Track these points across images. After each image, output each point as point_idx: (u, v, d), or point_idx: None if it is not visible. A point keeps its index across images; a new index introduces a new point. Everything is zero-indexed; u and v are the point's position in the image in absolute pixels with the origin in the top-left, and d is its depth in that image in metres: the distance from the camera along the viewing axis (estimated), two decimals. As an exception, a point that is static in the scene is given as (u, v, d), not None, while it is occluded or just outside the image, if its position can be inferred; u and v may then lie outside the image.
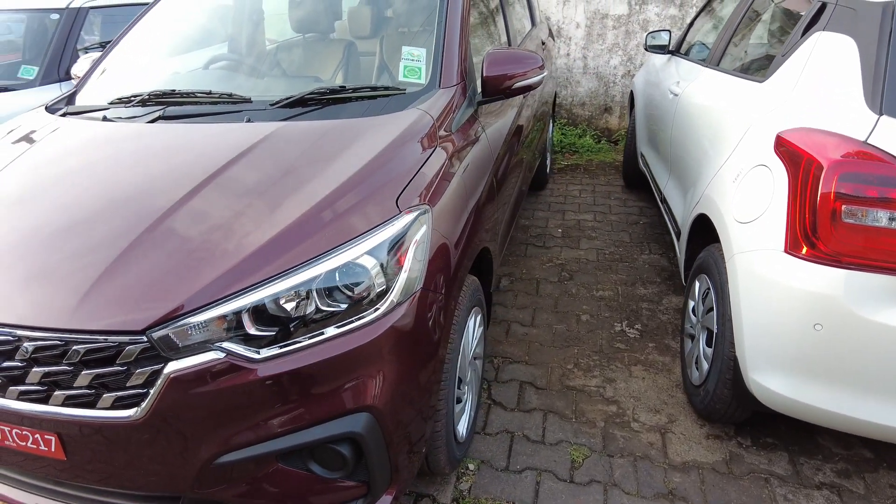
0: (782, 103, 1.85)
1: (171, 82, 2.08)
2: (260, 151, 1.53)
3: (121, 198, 1.42)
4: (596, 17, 5.36)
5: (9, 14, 3.84)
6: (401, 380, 1.36)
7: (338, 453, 1.30)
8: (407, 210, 1.40)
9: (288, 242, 1.27)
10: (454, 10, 2.06)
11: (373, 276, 1.29)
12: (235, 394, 1.21)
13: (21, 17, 3.78)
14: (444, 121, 1.76)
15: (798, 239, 1.53)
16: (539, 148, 3.65)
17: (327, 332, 1.27)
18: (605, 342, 2.65)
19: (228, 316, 1.20)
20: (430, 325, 1.42)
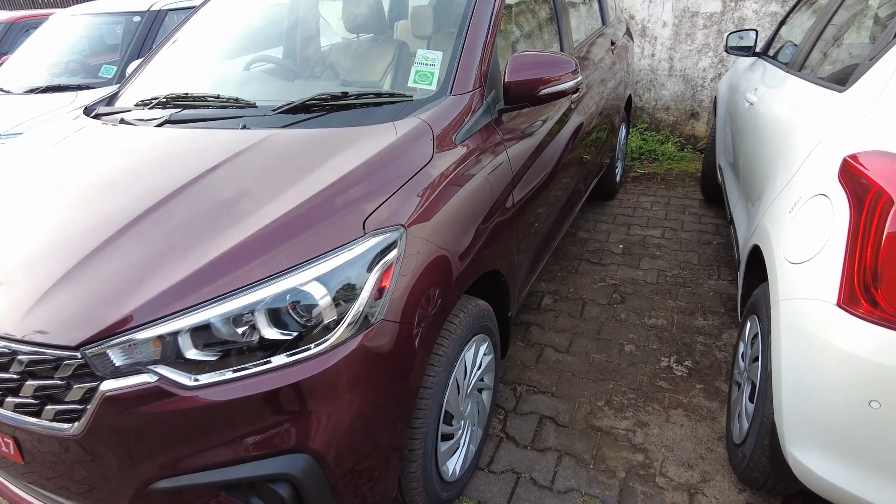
0: (860, 118, 1.52)
1: (197, 84, 2.08)
2: (240, 161, 1.46)
3: (95, 204, 1.40)
4: (685, 14, 4.92)
5: (102, 17, 4.14)
6: (352, 421, 1.23)
7: (276, 494, 1.20)
8: (374, 232, 1.27)
9: (236, 262, 1.19)
10: (482, 9, 1.89)
11: (320, 305, 1.17)
12: (168, 420, 1.14)
13: (110, 21, 4.06)
14: (448, 131, 1.61)
15: (855, 292, 1.23)
16: (601, 156, 3.37)
17: (274, 361, 1.17)
18: (646, 378, 2.38)
19: (165, 338, 1.14)
20: (395, 360, 1.29)
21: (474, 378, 1.77)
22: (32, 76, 3.72)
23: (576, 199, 2.91)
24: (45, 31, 4.13)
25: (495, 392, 2.02)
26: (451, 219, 1.49)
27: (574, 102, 2.52)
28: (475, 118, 1.72)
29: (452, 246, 1.48)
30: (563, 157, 2.43)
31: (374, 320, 1.23)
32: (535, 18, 2.59)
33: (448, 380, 1.56)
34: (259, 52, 2.37)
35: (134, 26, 3.78)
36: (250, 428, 1.17)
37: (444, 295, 1.44)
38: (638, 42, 5.17)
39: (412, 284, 1.32)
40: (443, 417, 1.61)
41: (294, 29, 2.47)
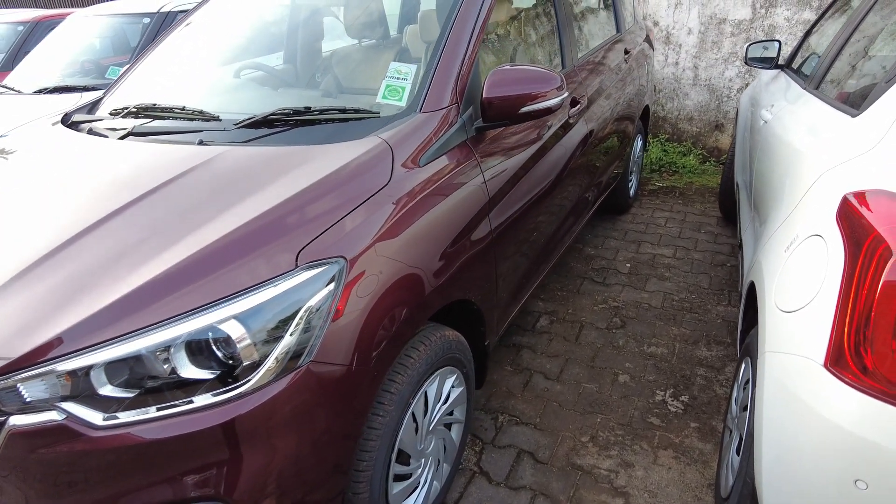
0: (870, 149, 1.36)
1: (174, 93, 2.02)
2: (183, 182, 1.38)
3: (30, 223, 1.34)
4: (712, 21, 4.70)
5: (118, 18, 4.16)
6: (279, 469, 1.14)
7: (191, 544, 1.12)
8: (309, 264, 1.17)
9: (156, 295, 1.11)
10: (464, 19, 1.78)
11: (238, 345, 1.08)
12: (75, 462, 1.07)
13: (124, 21, 4.07)
14: (413, 152, 1.51)
15: (844, 353, 1.08)
16: (609, 171, 3.22)
17: (196, 401, 1.09)
18: (637, 413, 2.23)
19: (77, 373, 1.06)
20: (329, 403, 1.19)
21: (438, 414, 1.66)
22: (44, 76, 3.75)
23: (576, 218, 2.76)
24: (62, 31, 4.17)
25: (468, 423, 1.91)
26: (408, 247, 1.39)
27: (573, 116, 2.39)
28: (446, 137, 1.61)
29: (407, 277, 1.37)
30: (560, 176, 2.30)
31: (302, 361, 1.14)
32: (535, 28, 2.46)
33: (402, 418, 1.45)
34: (250, 59, 2.30)
35: (143, 28, 3.78)
36: (163, 474, 1.09)
37: (397, 329, 1.34)
38: (661, 49, 4.97)
39: (353, 321, 1.22)
40: (397, 457, 1.51)
41: (292, 34, 2.40)
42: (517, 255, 2.02)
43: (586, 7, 3.15)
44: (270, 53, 2.40)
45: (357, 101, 1.75)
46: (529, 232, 2.11)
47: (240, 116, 1.67)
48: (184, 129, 1.67)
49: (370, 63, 2.02)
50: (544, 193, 2.16)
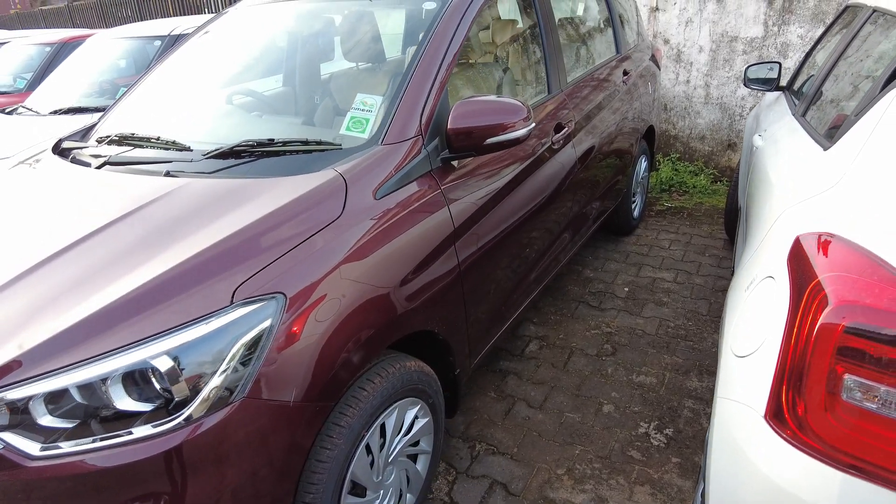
0: (832, 186, 1.31)
1: (155, 121, 2.07)
2: (141, 215, 1.41)
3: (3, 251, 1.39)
4: (723, 39, 4.63)
5: (134, 40, 4.31)
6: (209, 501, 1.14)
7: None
8: (244, 301, 1.19)
9: (95, 329, 1.13)
10: (433, 52, 1.79)
11: (168, 380, 1.10)
12: (12, 490, 1.10)
13: (140, 44, 4.21)
14: (369, 184, 1.51)
15: (782, 405, 1.04)
16: (605, 195, 3.18)
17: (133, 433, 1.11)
18: (618, 446, 2.18)
19: (16, 403, 1.09)
20: (263, 438, 1.19)
21: (399, 445, 1.65)
22: (60, 97, 3.90)
23: (566, 244, 2.73)
24: (82, 53, 4.33)
25: (436, 453, 1.89)
26: (357, 281, 1.39)
27: (557, 142, 2.37)
28: (408, 168, 1.61)
29: (356, 311, 1.37)
30: (542, 203, 2.28)
31: (235, 397, 1.14)
32: (519, 55, 2.46)
33: (353, 451, 1.45)
34: (242, 85, 2.35)
35: (154, 50, 3.90)
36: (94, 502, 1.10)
37: (342, 364, 1.34)
38: (672, 67, 4.91)
39: (291, 357, 1.22)
40: (350, 489, 1.50)
41: (290, 58, 2.43)
42: (491, 285, 2.01)
43: (580, 31, 3.14)
44: (268, 76, 2.44)
45: (323, 132, 1.77)
46: (507, 262, 2.09)
47: (211, 146, 1.70)
48: (156, 158, 1.72)
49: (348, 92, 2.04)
50: (523, 222, 2.14)
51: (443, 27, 1.83)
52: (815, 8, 4.27)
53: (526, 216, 2.16)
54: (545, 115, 2.33)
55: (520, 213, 2.10)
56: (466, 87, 2.12)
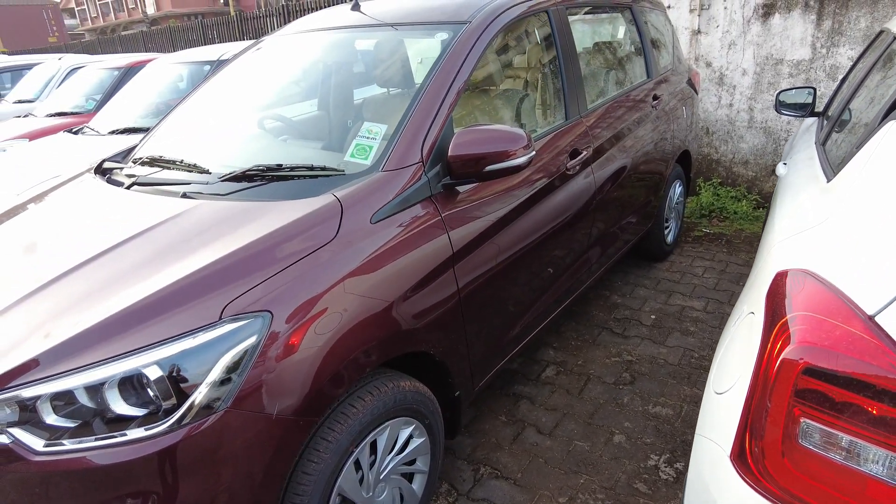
0: (825, 220, 1.28)
1: (186, 144, 2.22)
2: (153, 234, 1.53)
3: (31, 264, 1.53)
4: (768, 62, 4.50)
5: (187, 65, 4.60)
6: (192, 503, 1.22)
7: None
8: (232, 318, 1.26)
9: (98, 338, 1.23)
10: (440, 81, 1.86)
11: (156, 388, 1.18)
12: (17, 480, 1.20)
13: (193, 69, 4.50)
14: (365, 209, 1.58)
15: (745, 447, 1.02)
16: (632, 221, 3.14)
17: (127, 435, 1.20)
18: (624, 478, 2.13)
19: (26, 401, 1.20)
20: (246, 448, 1.26)
21: (391, 464, 1.69)
22: (120, 118, 4.20)
23: (587, 268, 2.71)
24: (142, 76, 4.66)
25: (433, 474, 1.90)
26: (347, 300, 1.45)
27: (572, 168, 2.38)
28: (407, 194, 1.67)
29: (344, 331, 1.43)
30: (554, 229, 2.28)
31: (219, 407, 1.22)
32: (535, 81, 2.49)
33: (341, 466, 1.49)
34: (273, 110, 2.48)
35: (203, 74, 4.16)
36: (87, 500, 1.19)
37: (327, 381, 1.39)
38: (714, 91, 4.81)
39: (274, 373, 1.29)
40: (339, 503, 1.55)
41: (314, 86, 2.56)
42: (496, 309, 2.02)
43: (606, 56, 3.14)
44: (291, 102, 2.56)
45: (331, 158, 1.85)
46: (514, 286, 2.11)
47: (228, 170, 1.81)
48: (177, 180, 1.84)
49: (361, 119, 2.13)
50: (533, 247, 2.15)
51: (450, 59, 1.89)
52: (867, 29, 4.11)
53: (535, 241, 2.17)
54: (559, 142, 2.35)
55: (528, 238, 2.12)
56: (480, 115, 2.17)
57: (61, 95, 5.93)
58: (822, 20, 4.24)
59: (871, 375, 0.85)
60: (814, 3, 4.23)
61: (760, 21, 4.48)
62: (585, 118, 2.57)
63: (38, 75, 7.72)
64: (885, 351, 0.86)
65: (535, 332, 2.40)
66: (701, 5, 4.69)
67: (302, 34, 2.49)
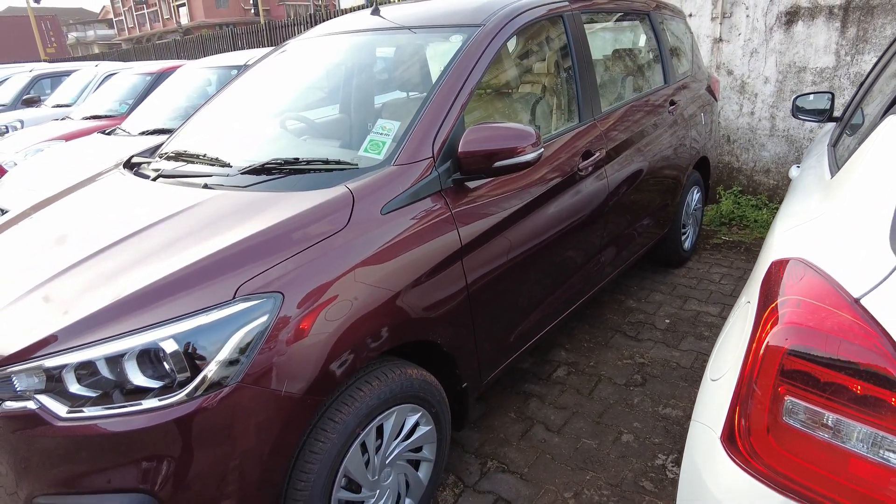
0: (823, 212, 1.30)
1: (210, 140, 2.32)
2: (176, 219, 1.61)
3: (57, 248, 1.63)
4: (790, 70, 4.48)
5: (215, 70, 4.76)
6: (202, 475, 1.28)
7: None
8: (245, 297, 1.33)
9: (120, 313, 1.31)
10: (452, 81, 1.92)
11: (171, 362, 1.25)
12: (43, 445, 1.28)
13: (221, 73, 4.65)
14: (376, 201, 1.64)
15: (734, 429, 1.04)
16: (650, 224, 3.15)
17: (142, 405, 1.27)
18: (631, 476, 2.14)
19: (52, 371, 1.28)
20: (253, 422, 1.32)
21: (398, 449, 1.73)
22: (150, 120, 4.36)
23: (599, 270, 2.73)
24: (171, 81, 4.84)
25: (439, 463, 1.94)
26: (354, 286, 1.50)
27: (584, 168, 2.41)
28: (417, 187, 1.72)
29: (351, 315, 1.48)
30: (565, 229, 2.31)
31: (230, 381, 1.28)
32: (548, 83, 2.54)
33: (347, 447, 1.54)
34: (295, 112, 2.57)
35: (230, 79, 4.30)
36: (107, 463, 1.26)
37: (334, 363, 1.45)
38: (736, 99, 4.79)
39: (285, 351, 1.35)
40: (345, 484, 1.60)
41: (341, 84, 2.63)
42: (505, 305, 2.06)
43: (623, 61, 3.18)
44: (311, 101, 2.64)
45: (345, 153, 1.92)
46: (524, 284, 2.14)
47: (248, 164, 1.89)
48: (200, 173, 1.93)
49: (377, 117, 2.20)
50: (542, 245, 2.19)
51: (462, 61, 1.95)
52: (893, 36, 4.05)
53: (545, 240, 2.21)
54: (572, 143, 2.38)
55: (537, 235, 2.15)
56: (493, 116, 2.22)
57: (96, 100, 6.17)
58: (847, 28, 4.20)
59: (854, 355, 0.88)
60: (838, 11, 4.20)
61: (783, 29, 4.45)
62: (599, 121, 2.60)
63: (75, 81, 8.04)
64: (868, 332, 0.88)
65: (546, 331, 2.43)
66: (723, 13, 4.69)
67: (323, 37, 2.58)
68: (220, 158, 2.00)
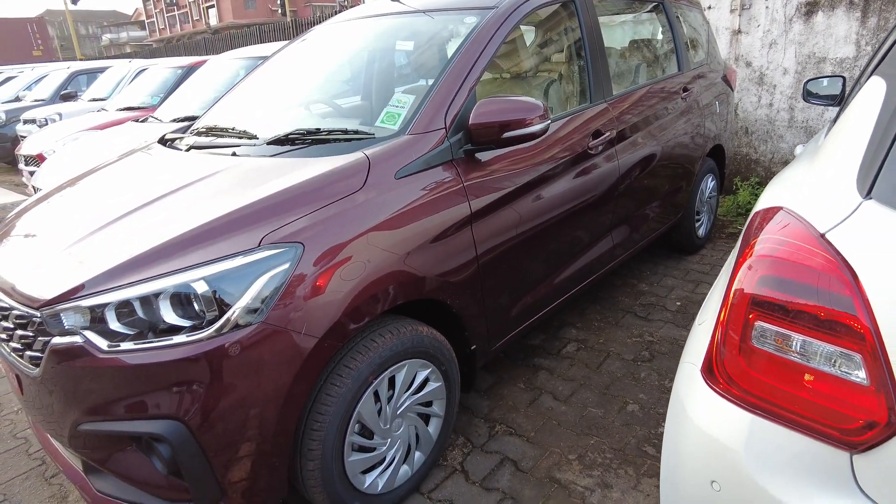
0: (809, 170, 1.37)
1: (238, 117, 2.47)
2: (208, 181, 1.75)
3: (100, 207, 1.78)
4: (810, 61, 4.48)
5: (243, 61, 4.95)
6: (226, 406, 1.41)
7: (160, 453, 1.42)
8: (269, 246, 1.45)
9: (158, 257, 1.45)
10: (464, 58, 2.03)
11: (202, 300, 1.38)
12: (86, 374, 1.42)
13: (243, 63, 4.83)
14: (390, 166, 1.75)
15: (712, 359, 1.13)
16: (661, 208, 3.22)
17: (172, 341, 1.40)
18: (634, 441, 2.22)
19: (96, 309, 1.42)
20: (274, 360, 1.44)
21: (408, 400, 1.84)
22: (180, 108, 4.56)
23: (608, 250, 2.80)
24: (200, 73, 5.04)
25: (448, 419, 2.04)
26: (368, 241, 1.62)
27: (594, 147, 2.50)
28: (429, 156, 1.84)
29: (365, 268, 1.60)
30: (574, 205, 2.40)
31: (253, 321, 1.40)
32: (561, 65, 2.63)
33: (360, 393, 1.66)
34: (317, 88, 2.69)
35: (259, 69, 4.47)
36: (142, 392, 1.40)
37: (349, 309, 1.56)
38: (754, 90, 4.81)
39: (303, 296, 1.47)
40: (358, 430, 1.71)
41: (361, 65, 2.76)
42: (511, 273, 2.15)
43: (635, 47, 3.25)
44: (344, 81, 2.74)
45: (364, 125, 2.05)
46: (530, 253, 2.24)
47: (273, 136, 2.03)
48: (229, 144, 2.08)
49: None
50: (550, 219, 2.27)
51: (475, 40, 2.06)
52: (913, 27, 4.04)
53: (554, 215, 2.30)
54: (582, 122, 2.47)
55: (546, 209, 2.25)
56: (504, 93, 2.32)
57: (130, 92, 6.43)
58: (868, 17, 4.20)
59: (815, 281, 0.96)
60: (859, 1, 4.20)
61: (803, 20, 4.46)
62: (610, 103, 2.68)
63: (110, 77, 8.35)
64: (829, 261, 0.96)
65: (554, 305, 2.52)
66: (742, 5, 4.71)
67: (345, 23, 2.71)
68: (248, 131, 2.14)
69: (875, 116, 1.13)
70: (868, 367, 0.89)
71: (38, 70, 11.60)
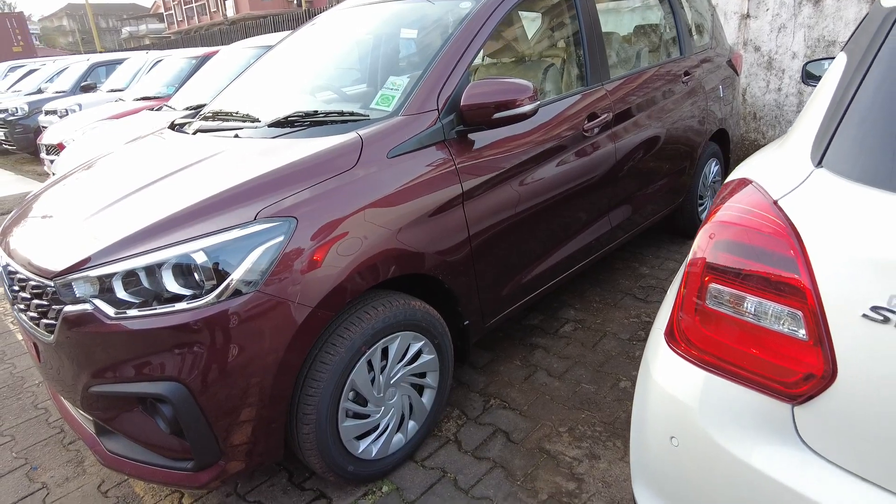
0: (780, 143, 1.42)
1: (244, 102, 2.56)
2: (211, 160, 1.85)
3: (111, 185, 1.88)
4: (819, 44, 4.45)
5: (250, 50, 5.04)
6: (224, 370, 1.50)
7: (163, 413, 1.52)
8: (264, 220, 1.54)
9: (162, 230, 1.54)
10: (458, 42, 2.09)
11: (201, 269, 1.47)
12: (96, 340, 1.53)
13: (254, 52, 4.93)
14: (383, 146, 1.83)
15: (673, 322, 1.19)
16: (665, 192, 3.25)
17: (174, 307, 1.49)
18: (625, 416, 2.28)
19: (104, 279, 1.52)
20: (268, 327, 1.53)
21: (401, 371, 1.93)
22: (193, 97, 4.68)
23: (605, 232, 2.85)
24: (212, 63, 5.15)
25: (442, 391, 2.12)
26: (361, 218, 1.70)
27: (590, 129, 2.54)
28: (421, 136, 1.90)
29: (357, 242, 1.68)
30: (568, 186, 2.45)
31: (249, 290, 1.50)
32: (556, 48, 2.67)
33: (353, 362, 1.75)
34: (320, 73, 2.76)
35: (269, 58, 4.57)
36: (146, 356, 1.50)
37: (340, 281, 1.64)
38: (763, 75, 4.78)
39: (296, 267, 1.55)
40: (352, 397, 1.80)
41: (361, 49, 2.83)
42: (504, 251, 2.22)
43: (635, 31, 3.27)
44: (344, 64, 2.81)
45: (359, 107, 2.12)
46: (523, 232, 2.30)
47: (274, 119, 2.12)
48: (233, 127, 2.17)
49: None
50: (543, 199, 2.33)
51: (469, 24, 2.12)
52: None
53: (548, 195, 2.35)
54: (577, 105, 2.52)
55: (537, 190, 2.31)
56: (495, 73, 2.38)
57: (147, 82, 6.58)
58: None
59: (765, 244, 1.02)
60: (868, -17, 4.16)
61: (812, 2, 4.43)
62: (607, 86, 2.72)
63: (128, 68, 8.53)
64: (777, 226, 1.02)
65: (550, 285, 2.58)
66: (750, -12, 4.68)
67: (346, 10, 2.78)
68: (251, 115, 2.23)
69: (833, 90, 1.18)
70: (808, 324, 0.95)
71: (59, 63, 11.87)
